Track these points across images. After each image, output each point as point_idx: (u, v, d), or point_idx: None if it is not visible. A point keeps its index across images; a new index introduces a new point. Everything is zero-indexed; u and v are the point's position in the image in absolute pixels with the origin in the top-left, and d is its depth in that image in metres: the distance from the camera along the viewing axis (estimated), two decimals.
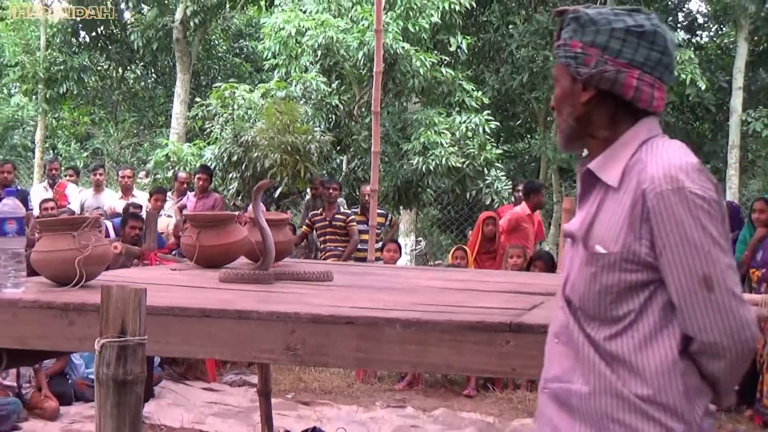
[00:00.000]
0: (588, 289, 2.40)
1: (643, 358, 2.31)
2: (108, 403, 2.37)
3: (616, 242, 2.33)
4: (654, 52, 2.41)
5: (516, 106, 22.55)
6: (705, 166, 2.32)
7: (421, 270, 7.18)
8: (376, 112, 9.96)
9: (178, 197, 13.26)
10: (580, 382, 2.38)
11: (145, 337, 2.40)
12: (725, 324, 2.24)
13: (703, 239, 2.24)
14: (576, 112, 2.50)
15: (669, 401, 2.29)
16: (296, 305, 3.61)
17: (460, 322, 3.29)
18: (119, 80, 25.66)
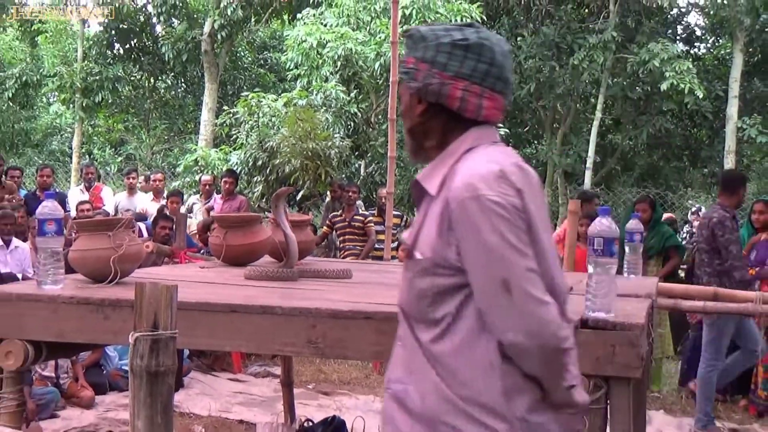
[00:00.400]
0: (409, 294, 2.38)
1: (462, 359, 2.27)
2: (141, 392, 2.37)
3: (429, 248, 2.30)
4: (481, 64, 2.38)
5: (524, 113, 22.54)
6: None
7: None
8: (392, 119, 9.94)
9: (205, 199, 13.28)
10: (413, 383, 2.35)
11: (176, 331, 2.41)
12: (524, 325, 2.20)
13: (499, 244, 2.19)
14: (412, 124, 2.47)
15: (488, 401, 2.25)
16: (317, 301, 3.61)
17: None
18: (151, 90, 25.74)
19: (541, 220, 2.29)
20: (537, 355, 2.23)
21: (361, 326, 3.36)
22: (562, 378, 2.32)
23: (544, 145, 22.08)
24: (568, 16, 20.24)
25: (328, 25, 15.28)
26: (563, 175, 21.95)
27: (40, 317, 3.71)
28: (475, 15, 15.45)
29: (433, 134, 2.44)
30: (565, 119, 21.61)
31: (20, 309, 3.73)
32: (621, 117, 21.77)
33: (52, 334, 3.74)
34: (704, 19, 23.34)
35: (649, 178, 23.15)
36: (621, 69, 20.08)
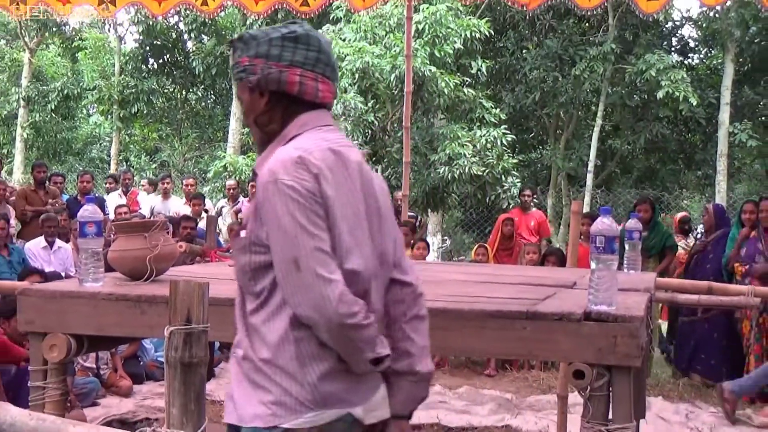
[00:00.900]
0: (236, 269, 2.45)
1: (268, 328, 2.35)
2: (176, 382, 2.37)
3: (248, 228, 2.37)
4: (311, 52, 2.45)
5: (529, 121, 22.52)
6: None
7: (447, 265, 7.17)
8: (406, 127, 9.95)
9: (232, 203, 13.29)
10: (242, 348, 2.43)
11: (207, 324, 2.41)
12: (310, 300, 2.25)
13: (291, 225, 2.25)
14: (256, 116, 2.52)
15: (284, 365, 2.32)
16: None
17: (482, 311, 3.28)
18: (183, 101, 25.83)
19: (343, 204, 2.35)
20: (324, 329, 2.29)
21: None
22: (359, 350, 2.35)
23: (549, 150, 22.04)
24: (570, 29, 20.20)
25: (346, 40, 15.28)
26: (566, 177, 21.91)
27: (82, 313, 3.72)
28: (483, 29, 15.43)
29: (275, 122, 2.50)
30: (568, 126, 21.57)
31: (63, 305, 3.75)
32: (620, 123, 21.71)
33: (93, 328, 3.75)
34: (697, 31, 23.26)
35: (646, 180, 23.08)
36: (620, 78, 20.02)
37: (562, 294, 3.88)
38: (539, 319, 3.20)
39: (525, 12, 11.12)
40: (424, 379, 2.58)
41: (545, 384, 8.86)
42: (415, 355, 2.53)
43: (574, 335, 3.16)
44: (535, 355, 3.24)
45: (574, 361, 3.14)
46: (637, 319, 3.10)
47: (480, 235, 19.37)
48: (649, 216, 9.43)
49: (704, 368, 9.03)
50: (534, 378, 9.19)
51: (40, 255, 9.73)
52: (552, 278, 4.56)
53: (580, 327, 3.15)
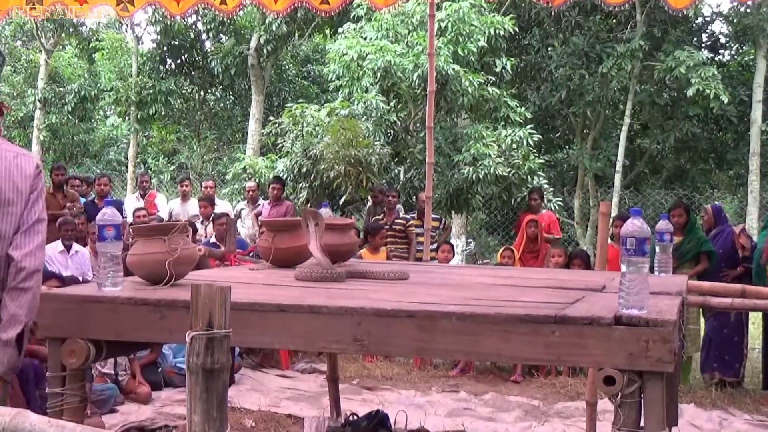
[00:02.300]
0: None
1: None
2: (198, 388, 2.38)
3: None
4: None
5: (555, 120, 22.45)
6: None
7: (472, 268, 7.15)
8: (429, 127, 9.94)
9: (252, 205, 13.32)
10: None
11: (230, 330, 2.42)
12: None
13: None
14: None
15: None
16: (362, 300, 3.61)
17: (509, 315, 3.27)
18: (201, 102, 25.92)
19: None
20: None
21: (404, 324, 3.35)
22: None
23: (576, 150, 21.96)
24: (596, 26, 20.13)
25: (368, 38, 15.28)
26: (594, 178, 21.82)
27: (101, 317, 3.74)
28: (508, 26, 15.39)
29: None
30: (595, 125, 21.48)
31: (82, 310, 3.76)
32: (649, 122, 21.62)
33: (112, 333, 3.76)
34: (728, 27, 23.10)
35: (676, 181, 22.96)
36: (648, 76, 19.93)
37: (592, 297, 3.86)
38: (568, 323, 3.19)
39: (550, 8, 11.10)
40: (8, 345, 2.96)
41: (573, 390, 8.83)
42: (2, 321, 2.86)
43: (604, 340, 3.14)
44: (564, 360, 3.22)
45: (604, 366, 3.13)
46: (669, 323, 3.08)
47: (505, 238, 19.33)
48: (684, 221, 9.41)
49: (720, 366, 9.21)
50: (562, 384, 9.16)
51: (57, 259, 9.78)
52: (581, 281, 4.55)
53: (610, 331, 3.14)
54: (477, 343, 3.27)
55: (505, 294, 4.01)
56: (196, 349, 2.38)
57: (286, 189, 13.69)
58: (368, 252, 10.89)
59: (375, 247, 10.95)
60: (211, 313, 2.38)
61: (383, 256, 10.89)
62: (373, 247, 10.95)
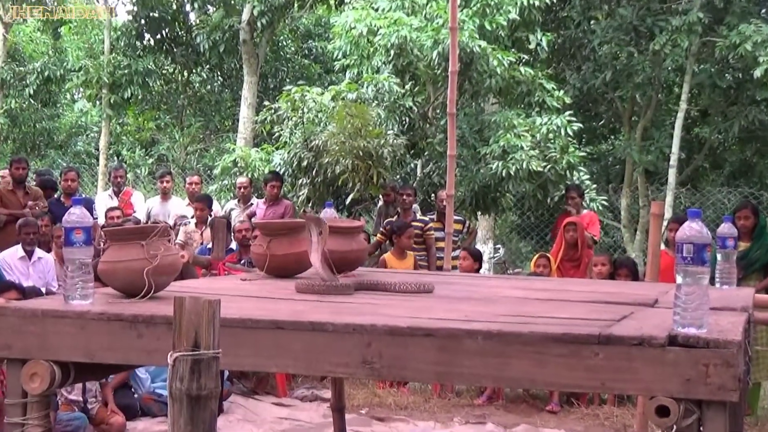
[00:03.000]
0: None
1: None
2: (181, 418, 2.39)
3: None
4: None
5: (599, 105, 22.39)
6: None
7: (501, 279, 7.15)
8: (451, 113, 9.95)
9: (244, 204, 13.33)
10: None
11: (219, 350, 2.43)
12: None
13: None
14: None
15: None
16: (372, 316, 3.62)
17: (545, 334, 3.27)
18: (184, 84, 25.94)
19: None
20: None
21: (421, 344, 3.36)
22: None
23: (622, 141, 21.91)
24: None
25: (379, 9, 15.29)
26: (644, 173, 21.76)
27: (68, 335, 3.75)
28: None
29: None
30: (646, 111, 21.43)
31: (46, 326, 3.77)
32: (709, 108, 21.53)
33: (81, 354, 3.77)
34: None
35: (741, 176, 22.88)
36: (708, 54, 19.86)
37: (642, 314, 3.86)
38: (614, 344, 3.19)
39: None
40: None
41: (620, 422, 8.83)
42: None
43: (656, 364, 3.14)
44: (609, 387, 3.22)
45: (656, 394, 3.13)
46: (733, 344, 3.07)
47: (540, 243, 19.30)
48: (751, 224, 9.39)
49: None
50: (606, 415, 9.15)
51: (17, 267, 9.81)
52: (628, 294, 4.54)
53: (663, 354, 3.13)
54: (507, 366, 3.27)
55: (540, 309, 4.00)
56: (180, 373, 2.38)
57: (284, 186, 13.70)
58: (393, 257, 10.90)
59: (401, 251, 10.93)
60: (197, 330, 2.38)
61: (410, 262, 10.89)
62: (399, 251, 10.94)
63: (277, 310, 3.87)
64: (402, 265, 10.57)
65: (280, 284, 4.88)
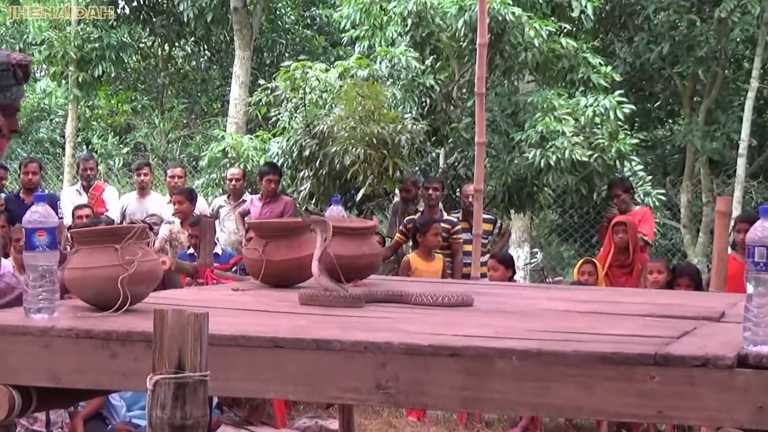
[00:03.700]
0: None
1: None
2: None
3: None
4: None
5: (654, 83, 22.36)
6: None
7: (539, 288, 7.15)
8: (480, 93, 9.95)
9: (235, 200, 13.34)
10: None
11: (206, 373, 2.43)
12: None
13: None
14: None
15: None
16: (388, 333, 3.62)
17: (591, 353, 3.27)
18: (165, 60, 25.97)
19: None
20: None
21: (446, 365, 3.36)
22: None
23: (682, 126, 21.89)
24: None
25: None
26: (708, 163, 21.72)
27: (29, 355, 3.75)
28: None
29: None
30: (710, 90, 21.40)
31: (3, 345, 3.78)
32: None
33: (44, 378, 3.78)
34: None
35: None
36: None
37: (705, 329, 3.86)
38: (673, 365, 3.18)
39: None
40: None
41: None
42: None
43: (723, 388, 3.13)
44: (667, 416, 3.21)
45: (723, 425, 3.13)
46: None
47: (584, 246, 19.29)
48: None
49: None
50: None
51: None
52: (690, 307, 4.54)
53: (732, 376, 3.13)
54: (546, 392, 3.28)
55: (585, 324, 4.00)
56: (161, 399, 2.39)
57: (283, 180, 13.72)
58: (419, 258, 10.90)
59: (427, 251, 10.92)
60: (181, 349, 2.39)
61: (439, 266, 10.90)
62: (425, 251, 10.93)
63: (275, 325, 3.88)
64: (430, 268, 10.58)
65: (278, 295, 4.88)
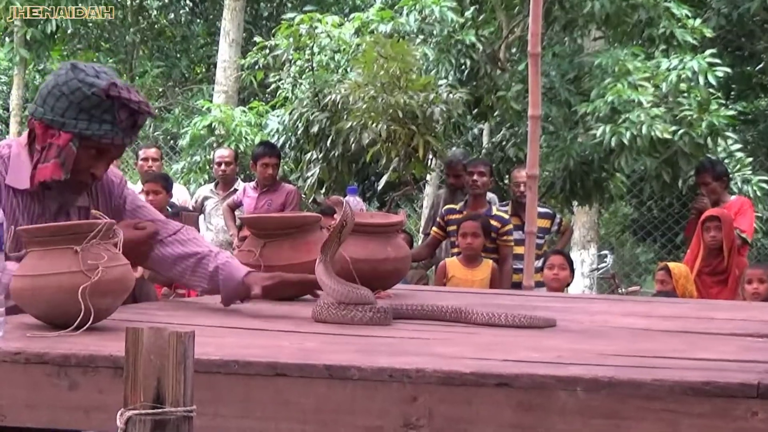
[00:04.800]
0: None
1: None
2: None
3: None
4: None
5: (755, 41, 22.35)
6: None
7: (610, 300, 7.15)
8: (534, 54, 9.96)
9: (224, 190, 13.39)
10: None
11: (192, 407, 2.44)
12: None
13: None
14: None
15: None
16: (419, 357, 3.62)
17: (677, 383, 3.27)
18: (136, 11, 26.07)
19: None
20: None
21: (492, 398, 3.35)
22: None
23: None
24: None
25: None
26: None
27: None
28: None
29: None
30: None
31: None
32: None
33: None
34: None
35: None
36: None
37: None
38: None
39: None
40: None
41: None
42: None
43: None
44: None
45: None
46: None
47: (667, 248, 19.29)
48: None
49: None
50: None
51: None
52: None
53: None
54: (621, 429, 3.28)
55: (669, 347, 4.01)
56: None
57: (285, 163, 13.75)
58: (458, 263, 10.91)
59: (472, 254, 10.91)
60: (159, 378, 2.40)
61: (484, 273, 10.88)
62: (469, 255, 10.92)
63: (277, 347, 3.89)
64: (471, 277, 10.60)
65: (280, 310, 4.89)
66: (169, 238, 5.02)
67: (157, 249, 5.01)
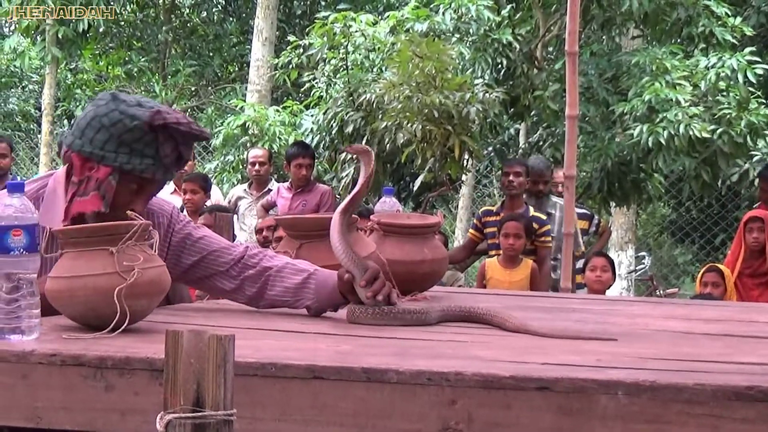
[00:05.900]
0: None
1: None
2: None
3: None
4: None
5: None
6: None
7: (650, 303, 7.13)
8: (572, 53, 9.94)
9: (258, 190, 13.39)
10: None
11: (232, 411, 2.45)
12: None
13: None
14: None
15: None
16: (458, 360, 3.62)
17: (720, 388, 3.26)
18: (169, 10, 26.07)
19: None
20: None
21: (532, 402, 3.35)
22: None
23: None
24: None
25: None
26: None
27: (1, 388, 3.78)
28: None
29: None
30: None
31: None
32: None
33: (20, 416, 3.79)
34: None
35: None
36: None
37: None
38: None
39: None
40: None
41: None
42: None
43: None
44: None
45: None
46: None
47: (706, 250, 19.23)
48: None
49: None
50: None
51: None
52: None
53: None
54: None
55: (712, 350, 4.00)
56: None
57: (320, 164, 13.75)
58: (498, 264, 10.89)
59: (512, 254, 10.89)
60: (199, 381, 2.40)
61: (523, 274, 10.86)
62: (509, 256, 10.91)
63: (314, 350, 3.88)
64: (509, 278, 10.58)
65: None
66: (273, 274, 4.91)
67: (267, 291, 4.95)
